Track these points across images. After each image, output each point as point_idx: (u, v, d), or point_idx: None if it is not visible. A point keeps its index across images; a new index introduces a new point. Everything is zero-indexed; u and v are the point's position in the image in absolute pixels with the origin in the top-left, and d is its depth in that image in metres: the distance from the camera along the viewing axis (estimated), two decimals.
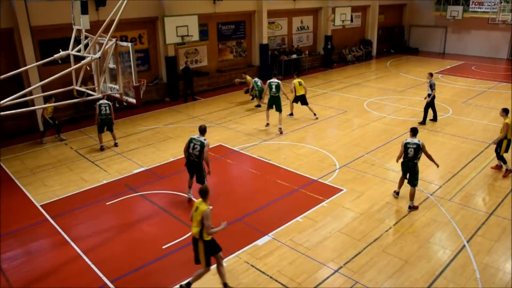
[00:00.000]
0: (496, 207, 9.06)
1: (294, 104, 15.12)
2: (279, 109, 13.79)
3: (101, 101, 12.25)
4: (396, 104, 16.97)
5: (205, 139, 8.70)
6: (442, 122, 14.67)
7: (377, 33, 28.67)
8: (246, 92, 17.77)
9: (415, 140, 8.83)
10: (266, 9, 21.04)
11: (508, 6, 24.66)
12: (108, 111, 12.27)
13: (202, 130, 8.78)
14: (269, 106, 14.05)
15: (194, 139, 8.76)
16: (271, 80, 13.86)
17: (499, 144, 10.38)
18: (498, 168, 10.74)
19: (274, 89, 13.71)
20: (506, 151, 10.33)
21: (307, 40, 25.16)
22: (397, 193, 9.51)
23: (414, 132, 8.99)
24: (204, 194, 6.28)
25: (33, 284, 6.93)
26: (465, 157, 11.69)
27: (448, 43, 30.00)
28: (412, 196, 8.95)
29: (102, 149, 12.48)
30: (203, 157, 8.67)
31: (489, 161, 11.25)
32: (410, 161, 8.83)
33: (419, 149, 8.74)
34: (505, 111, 10.34)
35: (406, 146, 8.87)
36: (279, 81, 13.83)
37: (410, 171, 8.92)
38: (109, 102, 12.40)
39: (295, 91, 14.63)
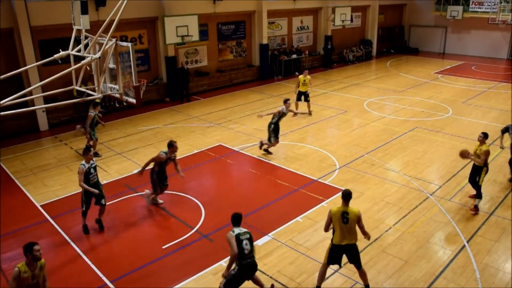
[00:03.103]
0: (496, 207, 9.05)
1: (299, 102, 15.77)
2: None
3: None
4: (396, 104, 16.97)
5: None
6: (442, 122, 14.67)
7: (377, 33, 28.67)
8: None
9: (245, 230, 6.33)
10: (266, 9, 21.04)
11: (508, 6, 24.67)
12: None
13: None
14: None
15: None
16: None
17: (478, 172, 8.85)
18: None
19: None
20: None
21: (307, 40, 25.16)
22: None
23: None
24: (348, 197, 6.15)
25: None
26: None
27: (448, 43, 30.00)
28: None
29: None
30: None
31: (489, 161, 11.22)
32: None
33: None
34: (486, 136, 8.85)
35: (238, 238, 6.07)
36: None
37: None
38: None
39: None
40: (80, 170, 7.89)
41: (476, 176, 8.94)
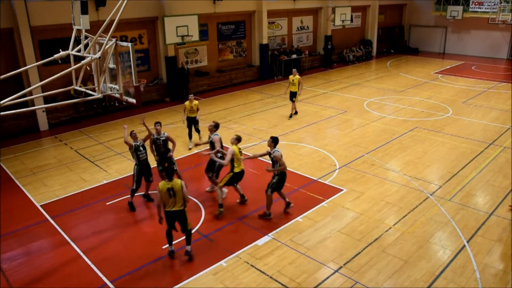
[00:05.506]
0: (496, 207, 9.05)
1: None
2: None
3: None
4: (396, 104, 16.97)
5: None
6: (442, 122, 14.67)
7: (377, 33, 28.67)
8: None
9: None
10: (266, 9, 21.04)
11: (508, 6, 24.67)
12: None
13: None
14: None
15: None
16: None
17: None
18: None
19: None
20: None
21: (307, 40, 25.16)
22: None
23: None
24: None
25: (33, 284, 6.93)
26: (465, 157, 11.68)
27: (448, 43, 30.00)
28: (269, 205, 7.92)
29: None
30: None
31: (489, 161, 11.26)
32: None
33: None
34: None
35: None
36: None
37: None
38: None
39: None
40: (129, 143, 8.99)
41: None
